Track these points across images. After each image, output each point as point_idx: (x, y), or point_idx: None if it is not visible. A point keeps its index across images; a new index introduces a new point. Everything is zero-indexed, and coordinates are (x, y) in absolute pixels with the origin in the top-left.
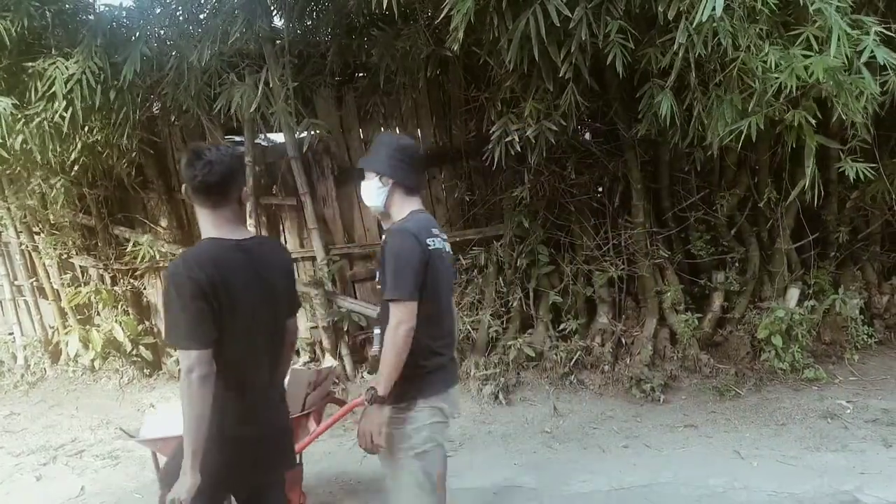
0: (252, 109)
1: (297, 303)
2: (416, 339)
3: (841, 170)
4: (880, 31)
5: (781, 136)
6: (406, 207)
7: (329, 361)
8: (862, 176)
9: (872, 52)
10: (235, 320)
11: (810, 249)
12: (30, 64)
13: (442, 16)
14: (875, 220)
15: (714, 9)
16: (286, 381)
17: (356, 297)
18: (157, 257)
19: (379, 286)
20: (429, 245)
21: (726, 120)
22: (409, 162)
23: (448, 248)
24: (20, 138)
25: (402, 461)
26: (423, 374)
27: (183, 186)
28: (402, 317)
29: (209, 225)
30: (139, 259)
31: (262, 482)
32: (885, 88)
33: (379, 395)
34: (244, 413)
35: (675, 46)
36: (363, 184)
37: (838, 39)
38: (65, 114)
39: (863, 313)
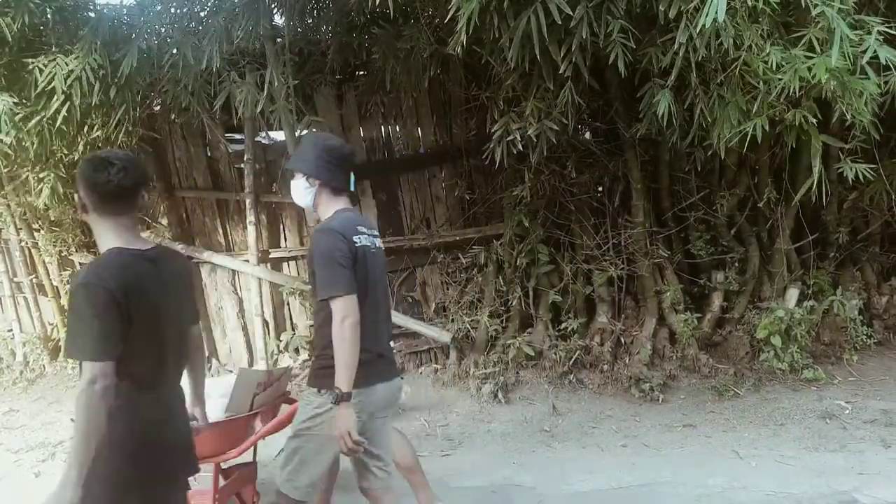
0: (257, 110)
1: (196, 312)
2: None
3: (840, 170)
4: (883, 31)
5: (781, 136)
6: (332, 207)
7: (286, 362)
8: (861, 177)
9: (875, 51)
10: (144, 331)
11: (810, 250)
12: (30, 60)
13: (449, 17)
14: (874, 220)
15: (717, 12)
16: (234, 381)
17: None
18: None
19: (309, 286)
20: (356, 242)
21: (731, 122)
22: (335, 163)
23: (378, 243)
24: (16, 133)
25: (296, 435)
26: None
27: (79, 195)
28: (344, 311)
29: (111, 234)
30: None
31: (165, 489)
32: (885, 88)
33: (344, 393)
34: (150, 421)
35: (676, 46)
36: (292, 183)
37: (840, 42)
38: (61, 108)
39: (862, 314)
